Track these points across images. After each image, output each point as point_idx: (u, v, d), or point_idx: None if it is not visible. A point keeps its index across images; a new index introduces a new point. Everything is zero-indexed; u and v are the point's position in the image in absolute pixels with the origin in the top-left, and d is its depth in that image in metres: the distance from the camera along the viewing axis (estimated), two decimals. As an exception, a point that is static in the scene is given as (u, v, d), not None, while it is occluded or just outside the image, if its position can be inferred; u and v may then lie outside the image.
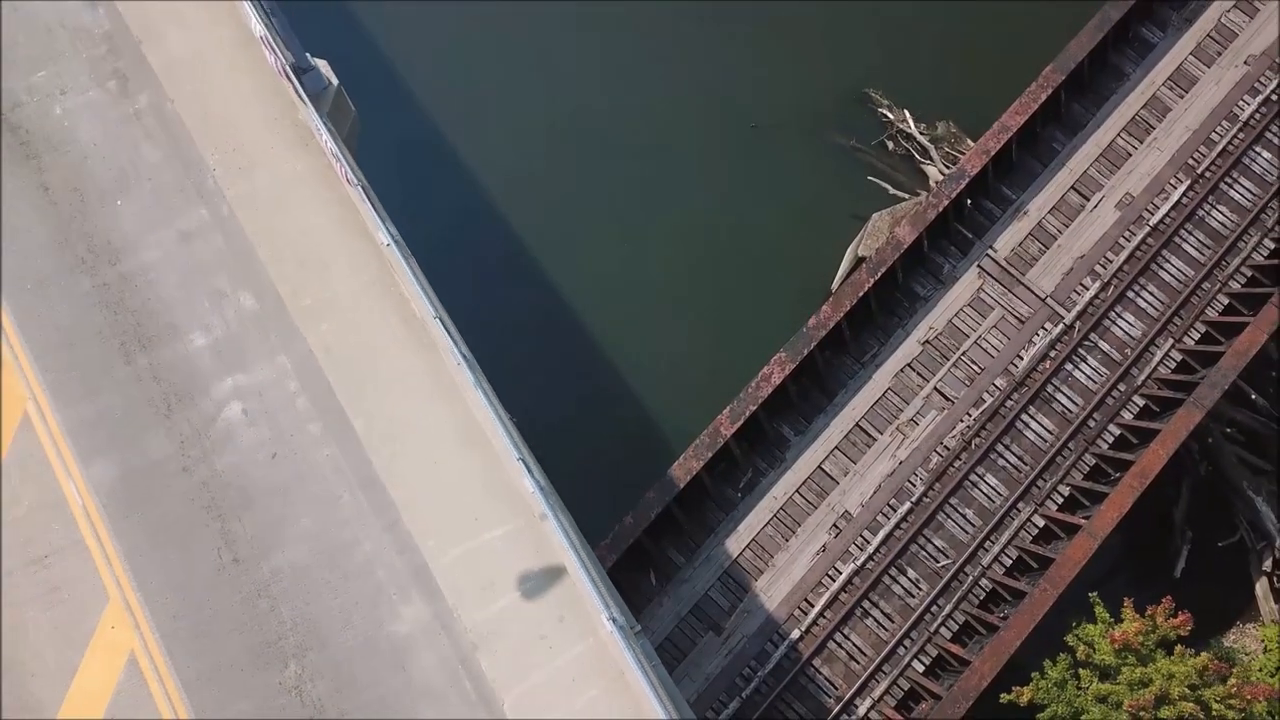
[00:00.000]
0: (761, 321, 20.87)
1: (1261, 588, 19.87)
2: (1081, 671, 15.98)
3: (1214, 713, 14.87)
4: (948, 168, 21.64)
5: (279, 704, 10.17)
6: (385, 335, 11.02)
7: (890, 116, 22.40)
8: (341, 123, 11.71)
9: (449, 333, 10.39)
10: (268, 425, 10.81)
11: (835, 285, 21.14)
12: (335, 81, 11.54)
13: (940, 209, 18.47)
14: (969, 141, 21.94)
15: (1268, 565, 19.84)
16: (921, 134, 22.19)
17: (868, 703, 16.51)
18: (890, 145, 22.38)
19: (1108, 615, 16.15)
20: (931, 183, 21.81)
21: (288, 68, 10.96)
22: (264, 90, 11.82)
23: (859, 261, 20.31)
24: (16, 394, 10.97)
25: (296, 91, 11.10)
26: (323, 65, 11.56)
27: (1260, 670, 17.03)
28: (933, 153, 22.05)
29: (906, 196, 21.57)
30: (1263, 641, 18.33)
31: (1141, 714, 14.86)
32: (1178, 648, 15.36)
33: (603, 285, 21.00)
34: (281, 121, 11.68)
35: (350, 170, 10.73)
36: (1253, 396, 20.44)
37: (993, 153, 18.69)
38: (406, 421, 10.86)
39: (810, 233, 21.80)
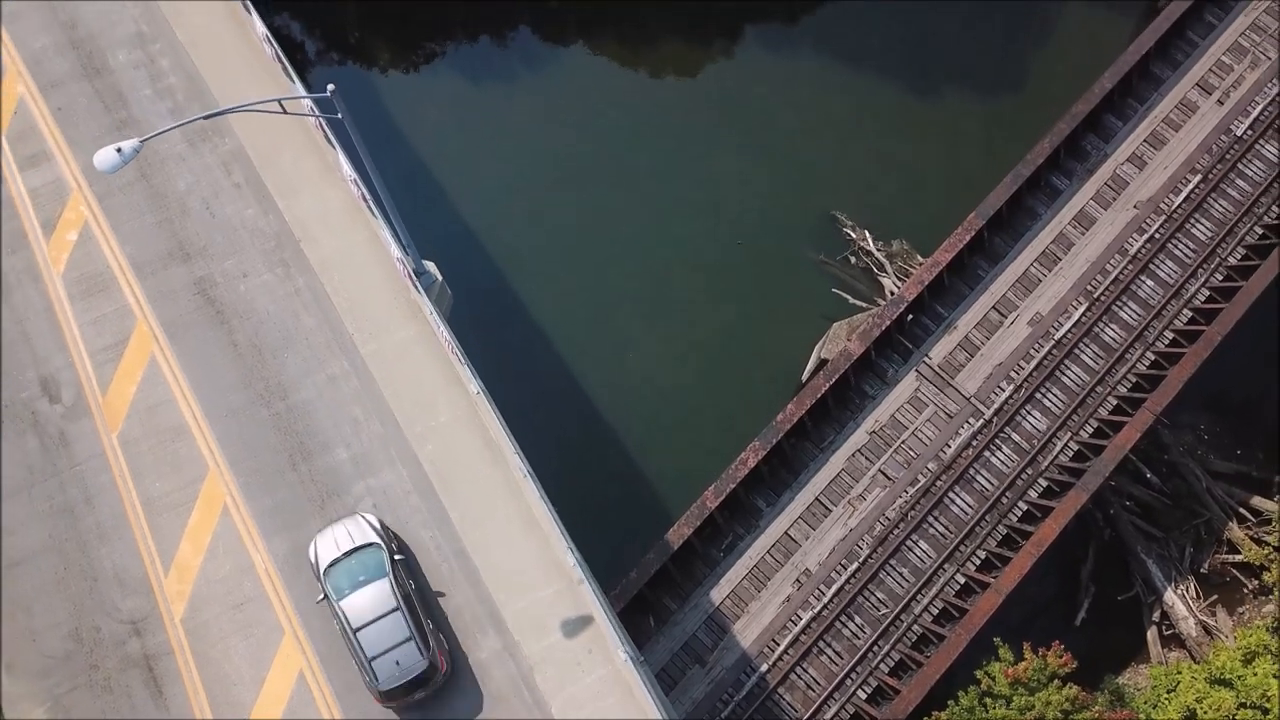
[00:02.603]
0: (744, 399, 26.95)
1: (1152, 634, 25.83)
2: (987, 699, 21.70)
3: (1083, 731, 20.57)
4: (900, 280, 27.82)
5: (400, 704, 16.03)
6: (471, 453, 17.02)
7: (853, 235, 28.60)
8: (443, 303, 17.81)
9: (519, 456, 16.40)
10: (391, 515, 16.80)
11: (804, 377, 27.23)
12: (440, 278, 17.64)
13: (884, 327, 24.62)
14: (919, 258, 28.14)
15: (1157, 616, 25.82)
16: (879, 250, 28.38)
17: (821, 722, 22.31)
18: (853, 260, 28.57)
19: (1010, 655, 21.90)
20: (887, 292, 27.97)
21: (410, 271, 17.06)
22: (387, 277, 17.97)
23: (823, 361, 26.35)
24: (217, 491, 16.94)
25: (414, 286, 17.20)
26: (431, 266, 17.68)
27: (1145, 703, 22.82)
28: (888, 267, 28.23)
29: (865, 305, 27.70)
30: (1151, 679, 24.11)
31: (1024, 732, 20.62)
32: (1054, 681, 21.10)
33: (614, 369, 27.10)
34: (399, 299, 17.80)
35: (453, 342, 16.78)
36: (1147, 475, 26.53)
37: (925, 283, 24.88)
38: (485, 513, 16.83)
39: (786, 330, 27.97)
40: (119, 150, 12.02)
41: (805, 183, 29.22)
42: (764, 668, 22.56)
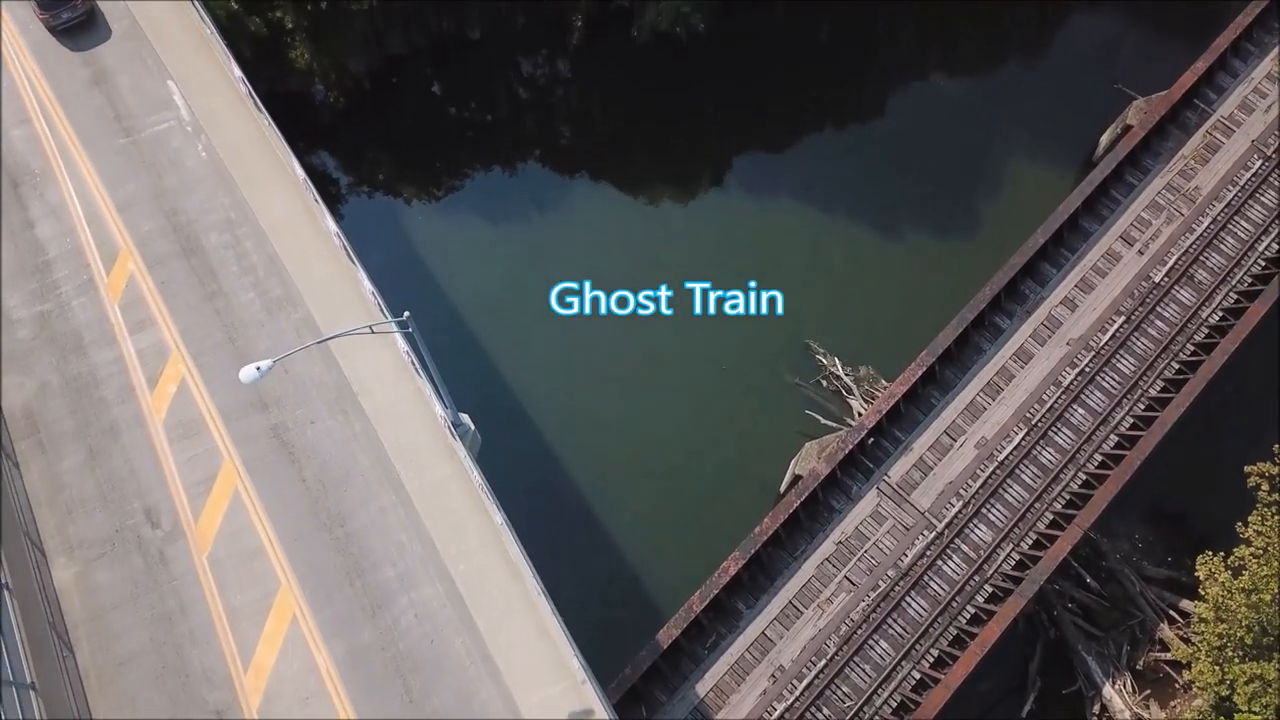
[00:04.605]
0: (728, 510, 31.54)
1: (1093, 725, 29.90)
2: (938, 783, 25.85)
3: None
4: (867, 402, 32.69)
5: (435, 784, 20.33)
6: (495, 570, 21.62)
7: (824, 362, 33.57)
8: (474, 447, 22.68)
9: (534, 575, 21.01)
10: (429, 624, 21.30)
11: (782, 489, 31.85)
12: (473, 427, 22.49)
13: (848, 450, 29.39)
14: (884, 381, 33.05)
15: (1097, 709, 29.94)
16: (847, 375, 33.31)
17: (792, 804, 26.38)
18: (824, 383, 33.48)
19: (959, 743, 26.14)
20: (855, 413, 32.80)
21: (450, 424, 21.95)
22: (428, 423, 22.88)
23: (797, 477, 31.04)
24: (287, 603, 21.48)
25: (451, 435, 22.04)
26: (466, 418, 22.58)
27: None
28: (855, 390, 33.14)
29: (836, 426, 32.50)
30: (1093, 766, 28.19)
31: (968, 812, 24.76)
32: (996, 767, 25.29)
33: (612, 486, 31.74)
34: (438, 443, 22.66)
35: (481, 481, 21.55)
36: (1088, 580, 30.95)
37: (884, 411, 29.75)
38: (505, 622, 21.33)
39: (764, 448, 32.69)
40: (258, 368, 17.01)
41: (783, 313, 34.33)
42: (743, 754, 26.69)
